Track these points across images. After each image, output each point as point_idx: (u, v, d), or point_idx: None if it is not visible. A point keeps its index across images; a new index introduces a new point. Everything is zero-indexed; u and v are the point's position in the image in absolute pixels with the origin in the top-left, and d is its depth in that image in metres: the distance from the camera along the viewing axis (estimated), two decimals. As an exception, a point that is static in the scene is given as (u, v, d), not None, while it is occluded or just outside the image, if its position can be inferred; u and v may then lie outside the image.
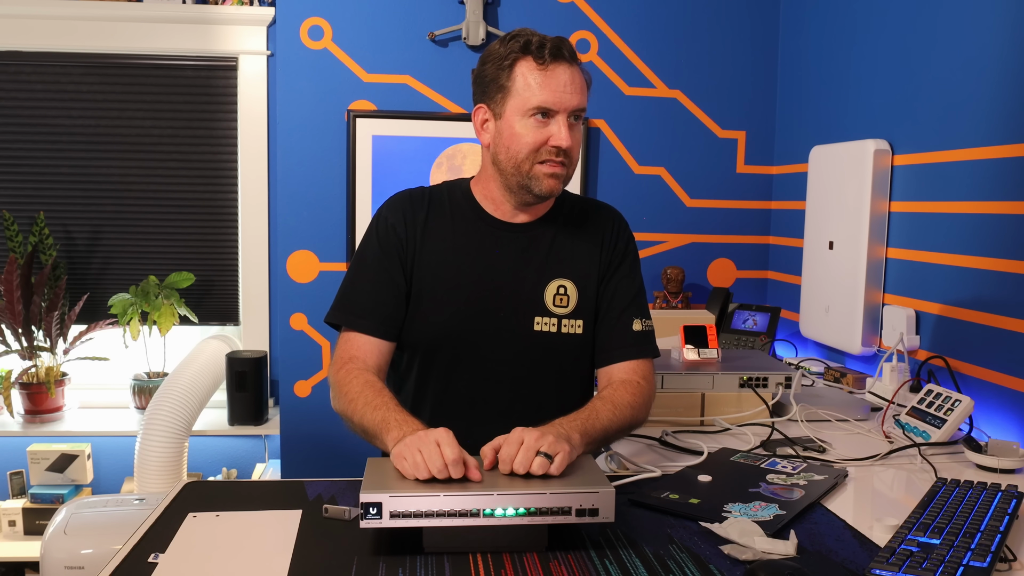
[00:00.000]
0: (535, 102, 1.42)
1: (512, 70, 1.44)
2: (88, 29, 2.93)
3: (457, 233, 1.53)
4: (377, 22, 2.75)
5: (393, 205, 1.56)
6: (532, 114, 1.43)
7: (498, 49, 1.47)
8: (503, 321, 1.51)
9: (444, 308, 1.50)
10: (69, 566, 2.09)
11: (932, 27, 2.05)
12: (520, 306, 1.51)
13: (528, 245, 1.54)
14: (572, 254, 1.55)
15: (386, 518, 1.09)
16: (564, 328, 1.52)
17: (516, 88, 1.44)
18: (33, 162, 3.00)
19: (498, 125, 1.47)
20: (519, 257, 1.53)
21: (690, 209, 2.93)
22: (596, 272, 1.56)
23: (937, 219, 2.02)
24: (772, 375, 1.76)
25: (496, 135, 1.48)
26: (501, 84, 1.45)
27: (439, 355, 1.53)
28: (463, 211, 1.56)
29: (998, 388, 1.79)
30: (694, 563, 1.11)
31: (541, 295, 1.52)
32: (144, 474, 2.56)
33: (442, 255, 1.52)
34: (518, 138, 1.44)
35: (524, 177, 1.46)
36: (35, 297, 2.87)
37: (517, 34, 1.46)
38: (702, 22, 2.85)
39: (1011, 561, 1.11)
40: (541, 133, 1.43)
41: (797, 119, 2.77)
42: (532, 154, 1.44)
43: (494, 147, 1.49)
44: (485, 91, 1.48)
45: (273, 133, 2.97)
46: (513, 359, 1.52)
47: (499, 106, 1.46)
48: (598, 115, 2.85)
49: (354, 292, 1.53)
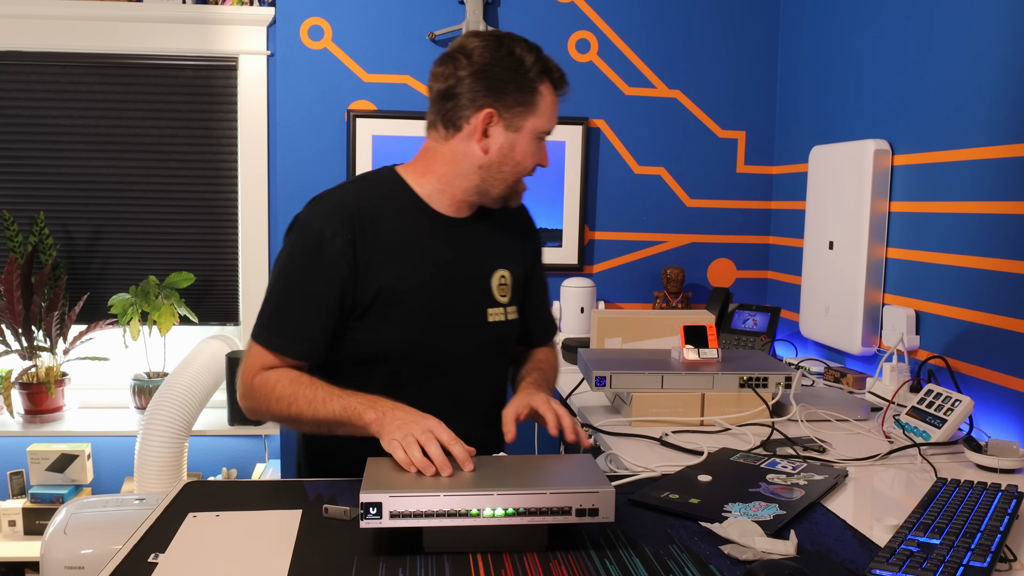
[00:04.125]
0: (548, 127, 1.49)
1: (538, 90, 1.46)
2: (88, 29, 2.93)
3: (406, 235, 1.48)
4: (377, 22, 2.75)
5: (329, 216, 1.44)
6: (540, 137, 1.49)
7: (508, 56, 1.44)
8: (464, 316, 1.52)
9: (412, 312, 1.47)
10: (69, 566, 2.08)
11: (932, 27, 2.05)
12: (476, 299, 1.54)
13: (473, 239, 1.55)
14: (504, 244, 1.60)
15: (386, 518, 1.09)
16: (508, 315, 1.58)
17: (539, 109, 1.46)
18: (33, 162, 3.00)
19: (511, 138, 1.46)
20: (468, 251, 1.54)
21: (690, 209, 2.93)
22: (522, 260, 1.63)
23: (937, 219, 2.02)
24: (772, 375, 1.76)
25: (506, 147, 1.46)
26: (525, 99, 1.45)
27: (412, 358, 1.48)
28: (407, 209, 1.50)
29: (998, 388, 1.79)
30: (694, 563, 1.11)
31: (489, 286, 1.56)
32: (144, 474, 2.56)
33: (397, 261, 1.46)
34: (528, 156, 1.48)
35: (510, 190, 1.50)
36: (35, 297, 2.87)
37: (524, 44, 1.46)
38: (702, 22, 2.86)
39: (1011, 561, 1.11)
40: (540, 155, 1.51)
41: (797, 119, 2.77)
42: (529, 172, 1.51)
43: (498, 157, 1.46)
44: (499, 97, 1.44)
45: (273, 133, 2.97)
46: (476, 350, 1.55)
47: (518, 119, 1.45)
48: (598, 115, 2.85)
49: (282, 314, 1.44)
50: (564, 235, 2.88)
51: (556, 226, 2.88)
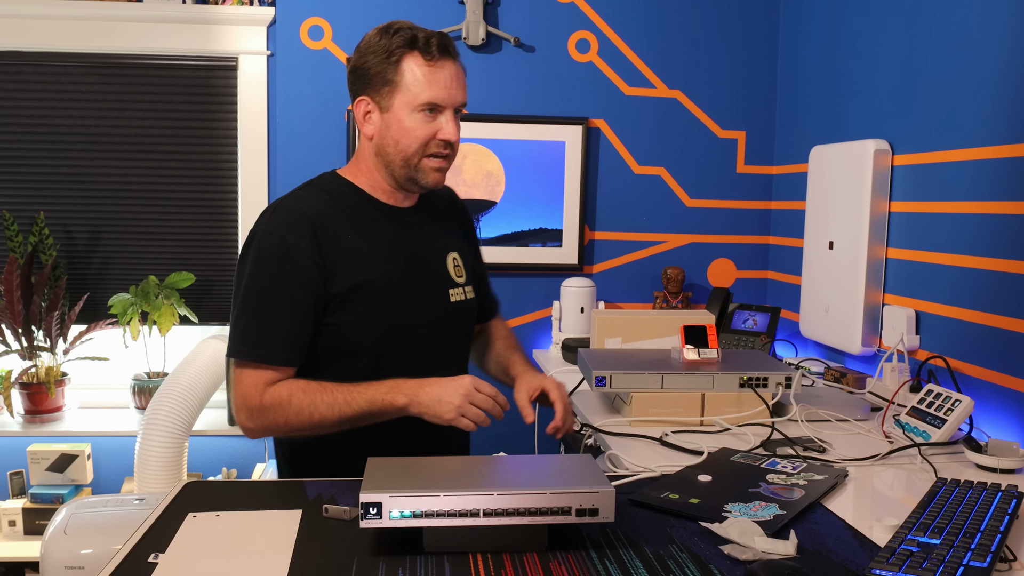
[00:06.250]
0: (425, 98, 1.46)
1: (399, 65, 1.46)
2: (88, 29, 2.93)
3: (363, 230, 1.51)
4: (377, 22, 2.72)
5: (288, 223, 1.46)
6: (421, 109, 1.47)
7: (379, 42, 1.47)
8: (431, 300, 1.56)
9: (383, 302, 1.49)
10: (69, 566, 2.08)
11: (932, 27, 2.05)
12: (438, 282, 1.59)
13: (421, 226, 1.59)
14: (446, 229, 1.65)
15: (386, 518, 1.09)
16: (467, 295, 1.64)
17: (405, 83, 1.46)
18: (33, 162, 3.00)
19: (385, 118, 1.49)
20: (420, 238, 1.58)
21: (690, 209, 2.93)
22: (465, 239, 1.70)
23: (937, 219, 2.02)
24: (772, 375, 1.75)
25: (383, 128, 1.49)
26: (388, 78, 1.46)
27: (388, 346, 1.51)
28: (358, 206, 1.53)
29: (998, 388, 1.79)
30: (694, 563, 1.11)
31: (445, 269, 1.60)
32: (144, 474, 2.56)
33: (361, 256, 1.48)
34: (408, 132, 1.48)
35: (412, 170, 1.51)
36: (35, 297, 2.87)
37: (399, 27, 1.48)
38: (702, 22, 2.86)
39: (1011, 561, 1.11)
40: (430, 127, 1.48)
41: (797, 119, 2.77)
42: (421, 148, 1.49)
43: (380, 140, 1.50)
44: (368, 83, 1.49)
45: (273, 133, 2.97)
46: (444, 333, 1.59)
47: (386, 100, 1.47)
48: (598, 115, 2.85)
49: (265, 326, 1.44)
50: (564, 235, 2.88)
51: (556, 226, 2.88)
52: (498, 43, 2.78)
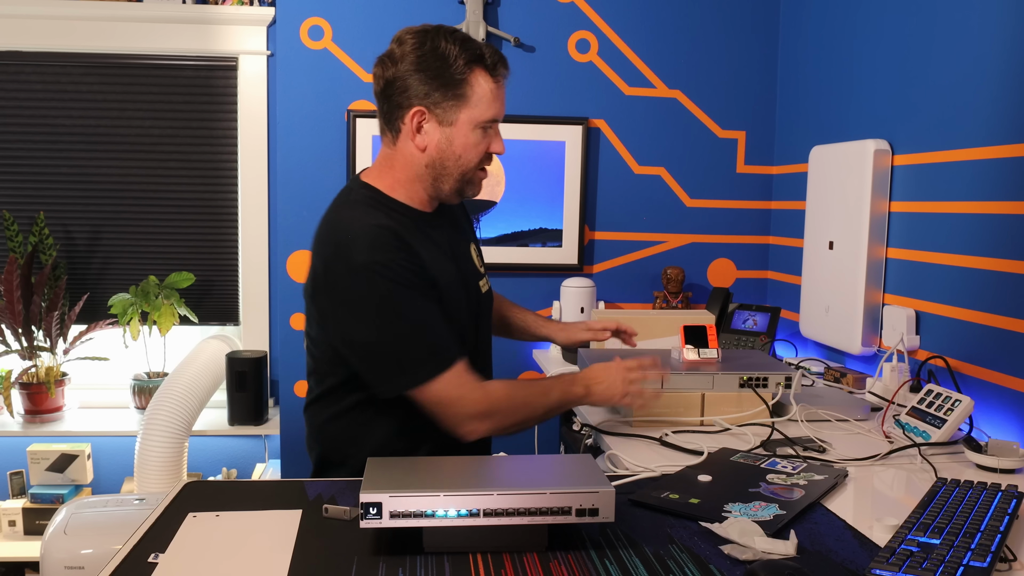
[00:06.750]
0: (490, 115, 1.48)
1: (468, 79, 1.45)
2: (88, 29, 2.93)
3: (422, 241, 1.50)
4: (377, 22, 2.75)
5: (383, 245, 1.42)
6: (483, 126, 1.48)
7: (443, 49, 1.43)
8: (475, 296, 1.62)
9: (453, 302, 1.53)
10: (69, 566, 2.09)
11: (932, 27, 2.05)
12: (474, 275, 1.64)
13: (448, 228, 1.62)
14: (462, 225, 1.69)
15: (386, 518, 1.09)
16: (488, 283, 1.71)
17: (474, 99, 1.46)
18: (33, 162, 3.00)
19: (446, 132, 1.47)
20: (453, 239, 1.61)
21: (690, 209, 2.93)
22: (473, 235, 1.75)
23: (937, 219, 2.02)
24: (772, 375, 1.76)
25: (443, 142, 1.47)
26: (456, 92, 1.45)
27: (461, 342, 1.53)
28: (408, 218, 1.51)
29: (998, 388, 1.79)
30: (694, 563, 1.11)
31: (473, 264, 1.66)
32: (144, 474, 2.56)
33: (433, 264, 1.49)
34: (471, 148, 1.49)
35: (464, 183, 1.52)
36: (35, 297, 2.87)
37: (463, 38, 1.46)
38: (702, 22, 2.85)
39: (1011, 561, 1.11)
40: (487, 143, 1.51)
41: (797, 119, 2.77)
42: (479, 163, 1.51)
43: (437, 154, 1.48)
44: (426, 93, 1.44)
45: (273, 133, 2.97)
46: (482, 323, 1.66)
47: (449, 113, 1.46)
48: (598, 115, 2.85)
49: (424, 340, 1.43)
50: (564, 235, 2.88)
51: (556, 226, 2.88)
52: (498, 43, 2.78)
